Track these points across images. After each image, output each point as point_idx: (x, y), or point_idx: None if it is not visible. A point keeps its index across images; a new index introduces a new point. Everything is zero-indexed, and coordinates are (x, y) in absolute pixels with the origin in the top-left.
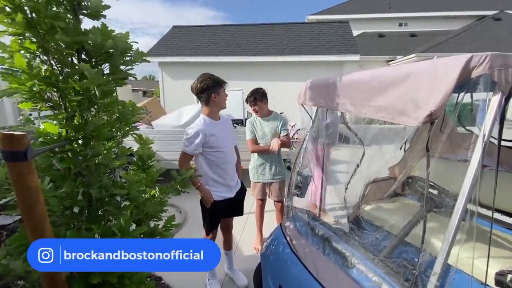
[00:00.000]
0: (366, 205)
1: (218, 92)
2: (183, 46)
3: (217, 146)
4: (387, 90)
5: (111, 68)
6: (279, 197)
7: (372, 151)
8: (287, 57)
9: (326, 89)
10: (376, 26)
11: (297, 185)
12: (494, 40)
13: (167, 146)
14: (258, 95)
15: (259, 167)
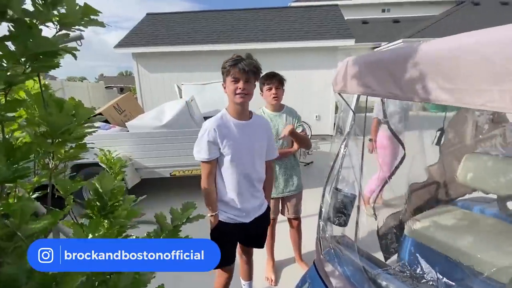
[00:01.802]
0: (411, 220)
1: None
2: (160, 34)
3: (231, 153)
4: None
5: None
6: (297, 214)
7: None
8: (276, 44)
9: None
10: (359, 12)
11: (340, 210)
12: (475, 24)
13: (146, 151)
14: (279, 77)
15: (274, 176)
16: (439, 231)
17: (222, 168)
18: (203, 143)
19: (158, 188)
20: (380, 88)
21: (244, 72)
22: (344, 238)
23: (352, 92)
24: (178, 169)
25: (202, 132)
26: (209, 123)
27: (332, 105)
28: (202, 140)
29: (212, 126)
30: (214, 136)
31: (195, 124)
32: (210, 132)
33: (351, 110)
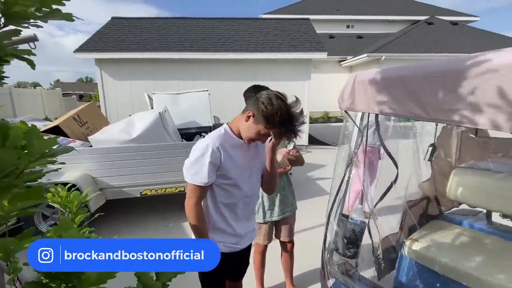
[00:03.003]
0: (409, 241)
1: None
2: (126, 40)
3: (234, 176)
4: None
5: None
6: (292, 236)
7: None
8: (251, 54)
9: (402, 86)
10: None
11: (352, 241)
12: (429, 41)
13: (112, 169)
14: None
15: (264, 202)
16: (438, 250)
17: (218, 192)
18: (203, 164)
19: (125, 209)
20: (398, 108)
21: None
22: (351, 270)
23: (361, 110)
24: (150, 188)
25: (201, 151)
26: (210, 140)
27: (307, 116)
28: (201, 161)
29: (215, 145)
30: (217, 156)
31: (169, 138)
32: (214, 152)
33: (359, 129)
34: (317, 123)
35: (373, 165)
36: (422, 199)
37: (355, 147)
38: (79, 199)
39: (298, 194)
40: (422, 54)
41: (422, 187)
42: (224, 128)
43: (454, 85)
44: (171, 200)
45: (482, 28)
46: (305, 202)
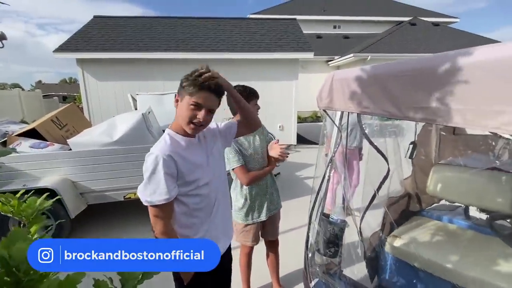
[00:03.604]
0: (390, 237)
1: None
2: (109, 39)
3: (197, 177)
4: None
5: None
6: (277, 235)
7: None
8: (238, 54)
9: (377, 86)
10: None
11: (331, 240)
12: (413, 41)
13: (94, 173)
14: (254, 92)
15: (253, 202)
16: (417, 246)
17: (188, 201)
18: (159, 179)
19: (109, 214)
20: (372, 106)
21: (211, 101)
22: (332, 269)
23: (339, 109)
24: (134, 191)
25: (151, 167)
26: (157, 151)
27: (295, 116)
28: (155, 176)
29: (164, 154)
30: (171, 165)
31: (153, 139)
32: (166, 162)
33: (337, 128)
34: (306, 122)
35: (351, 165)
36: (403, 196)
37: (335, 146)
38: (34, 207)
39: (287, 193)
40: (406, 54)
41: (403, 184)
42: (168, 133)
43: (423, 83)
44: None
45: (462, 29)
46: (293, 201)
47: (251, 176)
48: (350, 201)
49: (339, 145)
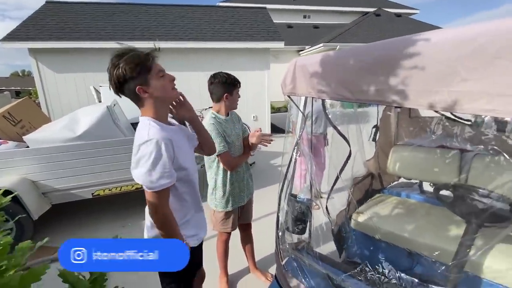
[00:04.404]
0: (355, 214)
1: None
2: (66, 27)
3: (187, 162)
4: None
5: None
6: (251, 218)
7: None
8: (208, 43)
9: (334, 71)
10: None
11: (298, 218)
12: (378, 31)
13: (57, 171)
14: (237, 80)
15: (233, 188)
16: (378, 220)
17: (178, 186)
18: (164, 163)
19: (76, 213)
20: (329, 90)
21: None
22: (301, 244)
23: (301, 94)
24: (103, 188)
25: (154, 152)
26: (156, 136)
27: (268, 106)
28: (160, 161)
29: (163, 138)
30: (171, 149)
31: (121, 133)
32: (167, 146)
33: (301, 112)
34: (280, 112)
35: (318, 151)
36: (367, 176)
37: (300, 130)
38: None
39: (262, 181)
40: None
41: (366, 165)
42: (151, 121)
43: (371, 68)
44: (129, 199)
45: (422, 20)
46: (267, 189)
47: (235, 162)
48: (318, 184)
49: (304, 130)
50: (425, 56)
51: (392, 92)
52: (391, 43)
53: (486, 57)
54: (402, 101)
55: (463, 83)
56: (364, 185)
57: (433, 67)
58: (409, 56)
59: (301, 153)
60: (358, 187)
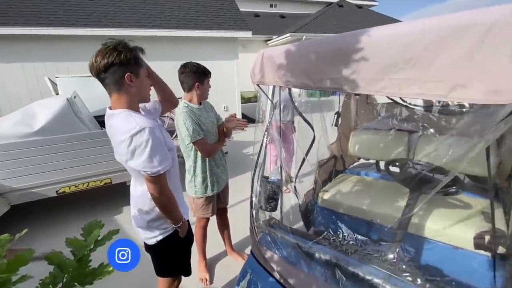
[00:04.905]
0: (321, 192)
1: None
2: (10, 12)
3: (170, 148)
4: (427, 54)
5: None
6: (227, 202)
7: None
8: (173, 32)
9: (298, 62)
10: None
11: (270, 197)
12: (341, 22)
13: (14, 169)
14: (207, 70)
15: (212, 175)
16: (341, 196)
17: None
18: (161, 146)
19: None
20: (294, 80)
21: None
22: (273, 220)
23: (269, 83)
24: (68, 185)
25: (151, 139)
26: (145, 124)
27: (238, 96)
28: (159, 145)
29: (153, 124)
30: (160, 136)
31: (84, 127)
32: (158, 132)
33: (270, 100)
34: (250, 102)
35: (287, 138)
36: (331, 158)
37: (270, 117)
38: None
39: (235, 170)
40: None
41: (330, 148)
42: (130, 112)
43: (328, 59)
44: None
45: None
46: (241, 177)
47: (212, 148)
48: (288, 168)
49: (273, 117)
50: (371, 49)
51: (345, 81)
52: (344, 37)
53: (417, 50)
54: (354, 88)
55: (401, 72)
56: (329, 167)
57: (378, 59)
58: (358, 49)
59: (271, 139)
60: (323, 168)
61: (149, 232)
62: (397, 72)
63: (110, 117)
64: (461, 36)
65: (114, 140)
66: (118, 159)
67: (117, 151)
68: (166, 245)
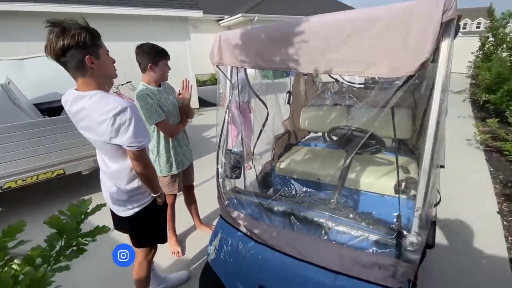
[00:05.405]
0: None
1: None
2: None
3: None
4: (349, 40)
5: None
6: (193, 179)
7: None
8: (118, 9)
9: (251, 44)
10: None
11: (235, 166)
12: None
13: None
14: (162, 51)
15: (176, 154)
16: (294, 164)
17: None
18: (143, 124)
19: None
20: (248, 60)
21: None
22: (237, 188)
23: (227, 64)
24: (13, 179)
25: (133, 115)
26: (125, 103)
27: (193, 79)
28: (140, 122)
29: (131, 104)
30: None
31: (24, 115)
32: (137, 110)
33: (229, 80)
34: (206, 85)
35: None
36: (285, 133)
37: (229, 95)
38: None
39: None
40: (287, 16)
41: (284, 124)
42: (105, 93)
43: (277, 41)
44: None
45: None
46: (203, 158)
47: (175, 129)
48: (248, 147)
49: (232, 96)
50: (311, 34)
51: (291, 61)
52: (290, 23)
53: (344, 35)
54: (297, 67)
55: (333, 54)
56: (284, 141)
57: (315, 42)
58: (300, 34)
59: (232, 119)
60: (279, 142)
61: (127, 206)
62: (330, 54)
63: (79, 99)
64: (372, 27)
65: (88, 121)
66: (93, 138)
67: (94, 131)
68: (144, 216)
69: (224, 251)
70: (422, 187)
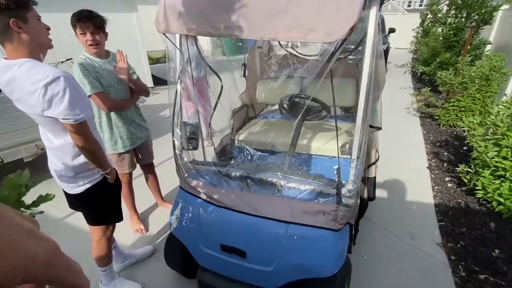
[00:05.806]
0: (237, 135)
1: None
2: None
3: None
4: (290, 6)
5: None
6: (152, 158)
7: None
8: None
9: (197, 9)
10: None
11: (191, 137)
12: None
13: None
14: (99, 19)
15: (120, 132)
16: (252, 136)
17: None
18: (81, 94)
19: None
20: (196, 27)
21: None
22: (196, 160)
23: (175, 31)
24: None
25: (68, 86)
26: (58, 72)
27: (145, 56)
28: (76, 92)
29: (66, 74)
30: (76, 83)
31: None
32: (74, 80)
33: (178, 49)
34: (159, 63)
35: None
36: (242, 107)
37: (180, 66)
38: None
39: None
40: None
41: (241, 98)
42: (36, 61)
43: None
44: None
45: None
46: (162, 138)
47: (118, 104)
48: (206, 124)
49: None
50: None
51: (237, 28)
52: None
53: (285, 3)
54: (245, 34)
55: (277, 21)
56: (242, 115)
57: (261, 9)
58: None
59: (187, 95)
60: (237, 116)
61: (76, 182)
62: (274, 20)
63: (9, 68)
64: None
65: (20, 92)
66: (27, 111)
67: (26, 102)
68: (95, 193)
69: (186, 218)
70: (356, 142)
